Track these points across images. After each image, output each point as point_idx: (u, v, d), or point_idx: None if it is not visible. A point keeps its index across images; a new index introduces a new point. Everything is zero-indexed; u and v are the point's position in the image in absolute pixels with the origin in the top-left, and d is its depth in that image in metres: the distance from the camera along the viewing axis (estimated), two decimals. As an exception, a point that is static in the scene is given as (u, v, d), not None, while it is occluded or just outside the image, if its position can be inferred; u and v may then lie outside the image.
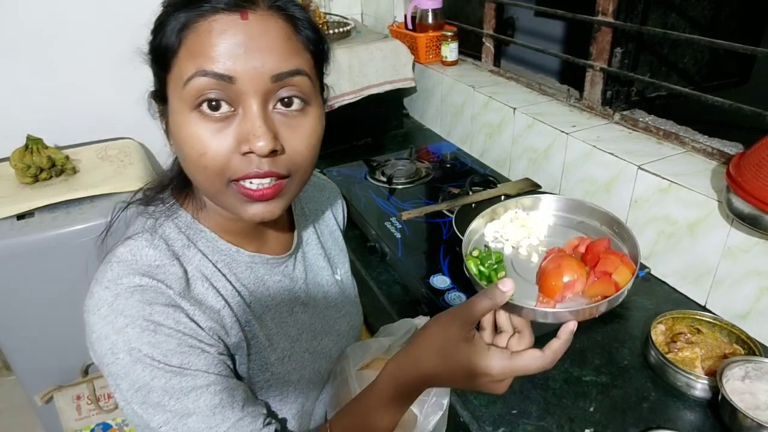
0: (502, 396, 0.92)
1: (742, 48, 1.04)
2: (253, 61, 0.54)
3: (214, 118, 0.55)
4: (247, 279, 0.70)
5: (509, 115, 1.53)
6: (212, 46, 0.54)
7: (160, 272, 0.61)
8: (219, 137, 0.55)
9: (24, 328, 1.44)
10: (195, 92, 0.55)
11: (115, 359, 0.56)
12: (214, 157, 0.56)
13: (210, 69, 0.54)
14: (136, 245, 0.62)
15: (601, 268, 0.57)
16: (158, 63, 0.58)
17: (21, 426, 1.98)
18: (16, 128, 1.55)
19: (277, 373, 0.71)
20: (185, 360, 0.58)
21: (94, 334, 0.57)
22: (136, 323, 0.56)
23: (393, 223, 1.34)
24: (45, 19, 1.66)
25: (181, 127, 0.57)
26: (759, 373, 0.86)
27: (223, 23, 0.54)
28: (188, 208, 0.68)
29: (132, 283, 0.58)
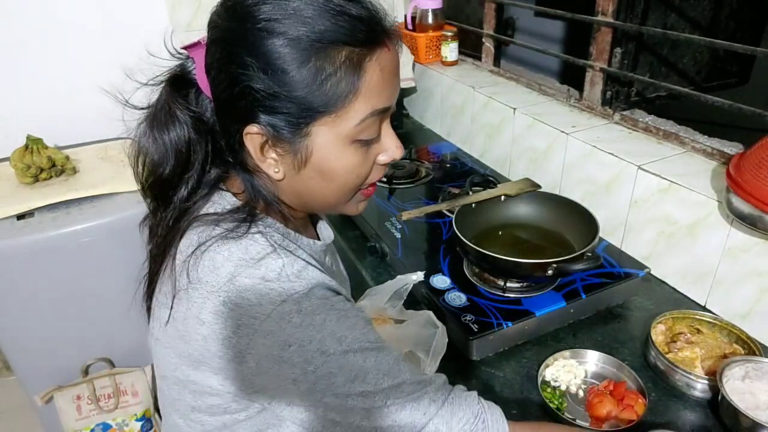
0: (502, 397, 0.92)
1: (742, 48, 1.04)
2: (398, 88, 0.62)
3: (366, 141, 0.62)
4: (325, 266, 0.75)
5: (509, 116, 1.53)
6: (382, 84, 0.59)
7: (308, 273, 0.61)
8: (368, 159, 0.63)
9: (24, 328, 1.44)
10: (363, 129, 0.59)
11: (327, 357, 0.56)
12: (364, 176, 0.64)
13: (382, 107, 0.60)
14: (271, 263, 0.60)
15: (626, 402, 0.87)
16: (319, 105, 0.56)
17: (21, 426, 1.98)
18: (16, 128, 1.55)
19: None
20: (376, 335, 0.61)
21: (295, 344, 0.56)
22: (331, 315, 0.58)
23: (393, 223, 1.34)
24: (45, 19, 1.66)
25: (338, 160, 0.61)
26: (759, 373, 0.86)
27: (383, 60, 0.58)
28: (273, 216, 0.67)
29: (301, 286, 0.58)
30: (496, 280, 1.09)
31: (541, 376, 0.94)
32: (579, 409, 0.90)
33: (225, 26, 0.58)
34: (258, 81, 0.56)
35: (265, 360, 0.57)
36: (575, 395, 0.92)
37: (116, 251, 1.41)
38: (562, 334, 1.05)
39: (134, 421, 1.60)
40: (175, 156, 0.64)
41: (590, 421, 0.86)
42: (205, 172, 0.66)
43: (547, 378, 0.95)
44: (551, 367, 0.96)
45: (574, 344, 1.02)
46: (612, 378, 0.94)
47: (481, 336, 0.97)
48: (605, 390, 0.90)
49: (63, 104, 1.75)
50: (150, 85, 0.65)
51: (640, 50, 1.38)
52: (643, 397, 0.88)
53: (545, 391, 0.91)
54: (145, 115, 0.64)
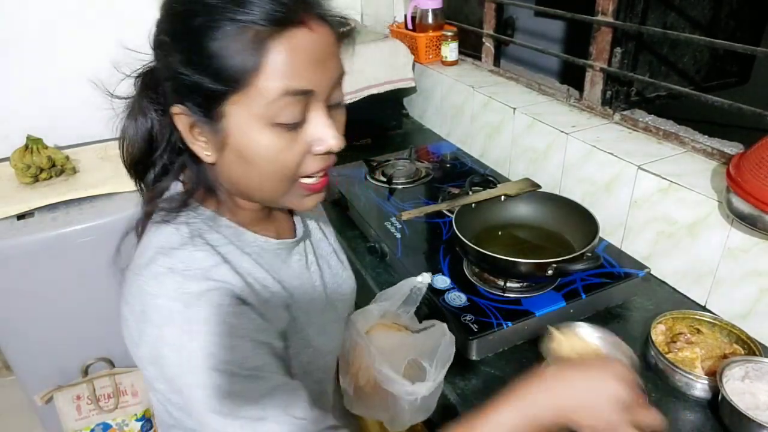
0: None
1: (742, 48, 1.04)
2: (325, 72, 0.59)
3: (289, 126, 0.59)
4: (275, 265, 0.72)
5: (509, 115, 1.53)
6: (294, 64, 0.56)
7: (217, 272, 0.62)
8: (294, 145, 0.60)
9: (24, 328, 1.44)
10: (277, 109, 0.57)
11: (192, 368, 0.57)
12: (291, 164, 0.61)
13: (296, 86, 0.57)
14: (183, 253, 0.62)
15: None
16: (222, 82, 0.56)
17: (21, 426, 1.98)
18: (16, 128, 1.55)
19: (318, 346, 0.74)
20: (258, 362, 0.59)
21: (168, 345, 0.58)
22: (211, 328, 0.57)
23: (393, 223, 1.34)
24: (45, 19, 1.66)
25: (254, 142, 0.59)
26: (759, 373, 0.86)
27: (298, 39, 0.56)
28: (210, 206, 0.69)
29: (198, 288, 0.59)
30: (496, 280, 1.09)
31: None
32: None
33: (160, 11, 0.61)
34: (173, 60, 0.57)
35: (153, 350, 0.59)
36: None
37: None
38: (562, 334, 1.05)
39: (134, 421, 1.60)
40: (141, 141, 0.68)
41: None
42: (172, 159, 0.69)
43: None
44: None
45: (574, 344, 1.02)
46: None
47: (481, 336, 0.97)
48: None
49: (63, 104, 1.75)
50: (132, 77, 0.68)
51: (640, 50, 1.38)
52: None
53: None
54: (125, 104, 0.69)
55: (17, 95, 1.70)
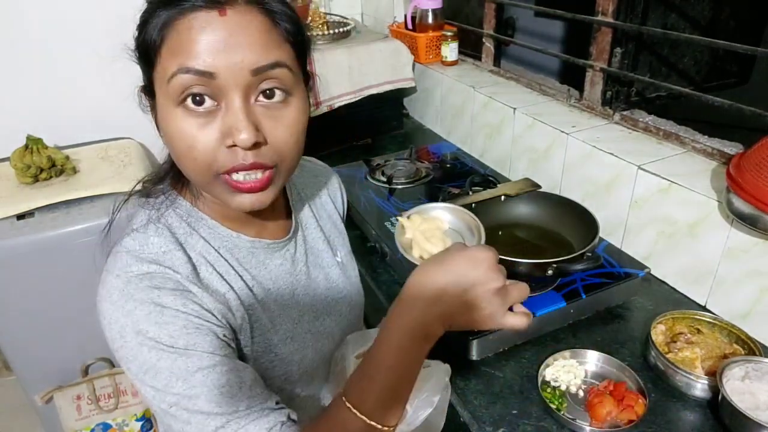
0: (502, 396, 0.92)
1: (742, 48, 1.04)
2: (233, 57, 0.56)
3: (199, 112, 0.57)
4: (248, 263, 0.72)
5: (509, 115, 1.53)
6: (192, 42, 0.55)
7: (167, 258, 0.63)
8: (205, 131, 0.58)
9: (24, 328, 1.44)
10: (178, 88, 0.56)
11: (124, 342, 0.59)
12: (202, 150, 0.58)
13: (191, 66, 0.55)
14: (141, 236, 0.65)
15: (626, 402, 0.87)
16: (143, 60, 0.60)
17: (21, 426, 1.98)
18: (16, 128, 1.55)
19: (281, 354, 0.73)
20: (191, 341, 0.59)
21: (105, 320, 0.61)
22: (144, 306, 0.59)
23: (393, 223, 1.34)
24: (45, 19, 1.66)
25: (168, 122, 0.59)
26: (759, 373, 0.86)
27: (202, 20, 0.55)
28: (186, 197, 0.70)
29: (141, 270, 0.61)
30: (496, 280, 1.09)
31: (541, 376, 0.94)
32: (579, 409, 0.90)
33: None
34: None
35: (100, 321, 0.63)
36: (575, 395, 0.92)
37: (116, 251, 1.41)
38: (562, 334, 1.05)
39: (134, 421, 1.60)
40: None
41: (590, 421, 0.86)
42: None
43: (547, 378, 0.95)
44: (551, 367, 0.96)
45: (574, 344, 1.02)
46: (612, 378, 0.94)
47: (481, 336, 0.97)
48: (605, 390, 0.90)
49: (63, 104, 1.75)
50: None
51: (640, 50, 1.38)
52: (643, 397, 0.88)
53: (545, 391, 0.91)
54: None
55: (17, 95, 1.69)
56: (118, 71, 0.69)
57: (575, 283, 1.08)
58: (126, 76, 0.69)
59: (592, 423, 0.86)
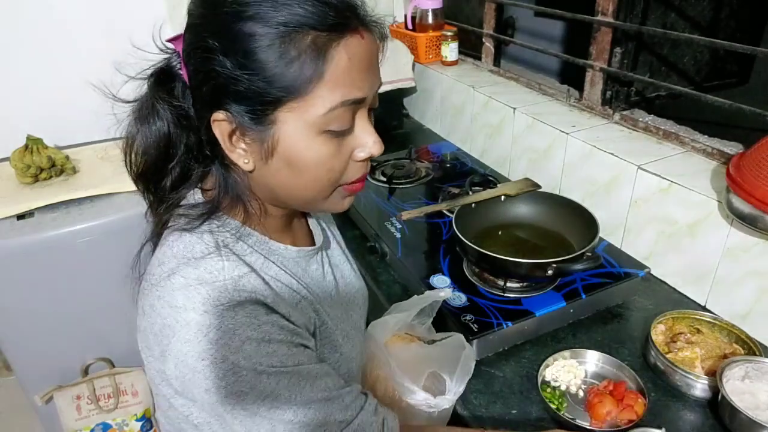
0: (502, 396, 0.92)
1: (742, 48, 1.04)
2: (374, 79, 0.60)
3: (339, 133, 0.59)
4: (297, 272, 0.72)
5: (509, 115, 1.53)
6: (350, 72, 0.56)
7: (247, 283, 0.60)
8: (341, 152, 0.60)
9: (24, 328, 1.44)
10: (333, 118, 0.57)
11: (238, 378, 0.56)
12: (338, 171, 0.61)
13: (354, 96, 0.57)
14: (211, 264, 0.60)
15: (626, 402, 0.87)
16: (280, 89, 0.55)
17: (21, 426, 1.98)
18: (16, 128, 1.55)
19: (345, 352, 0.74)
20: (298, 359, 0.60)
21: (205, 360, 0.56)
22: (252, 339, 0.57)
23: (393, 223, 1.34)
24: (45, 19, 1.66)
25: (306, 150, 0.58)
26: (759, 373, 0.86)
27: (352, 46, 0.56)
28: (237, 216, 0.67)
29: (231, 299, 0.58)
30: (496, 280, 1.09)
31: (541, 376, 0.94)
32: (579, 409, 0.90)
33: (196, 13, 0.59)
34: (222, 65, 0.55)
35: (181, 365, 0.57)
36: (575, 395, 0.92)
37: (116, 251, 1.40)
38: (562, 334, 1.05)
39: (134, 421, 1.60)
40: (155, 148, 0.64)
41: (590, 421, 0.87)
42: (191, 166, 0.66)
43: (547, 378, 0.95)
44: (551, 367, 0.96)
45: (574, 344, 1.02)
46: (612, 378, 0.94)
47: (481, 336, 0.97)
48: (605, 390, 0.90)
49: (63, 104, 1.74)
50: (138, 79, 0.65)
51: (640, 50, 1.38)
52: (643, 397, 0.88)
53: (545, 391, 0.91)
54: (132, 107, 0.65)
55: (17, 95, 1.69)
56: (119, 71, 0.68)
57: (575, 283, 1.08)
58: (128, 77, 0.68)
59: (592, 423, 0.86)
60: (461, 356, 0.91)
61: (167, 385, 0.62)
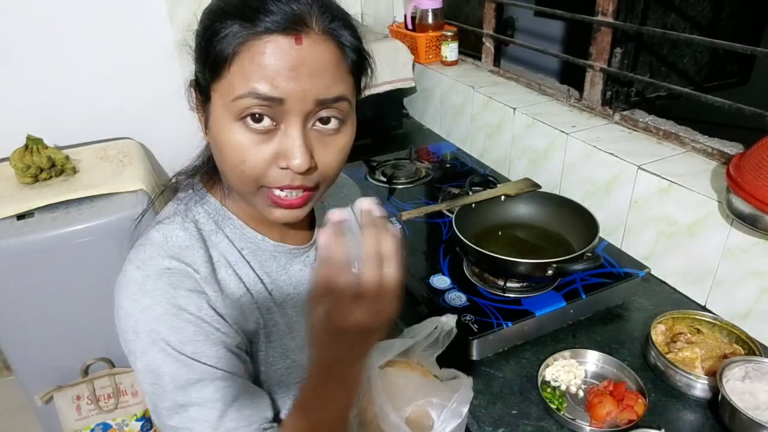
0: (501, 396, 0.92)
1: (742, 48, 1.04)
2: (303, 84, 0.56)
3: (256, 130, 0.58)
4: (270, 267, 0.72)
5: (509, 115, 1.53)
6: (266, 68, 0.55)
7: (189, 254, 0.63)
8: (259, 149, 0.58)
9: (24, 328, 1.44)
10: (242, 108, 0.57)
11: (135, 337, 0.59)
12: (252, 166, 0.59)
13: (261, 91, 0.56)
14: (167, 228, 0.65)
15: (626, 402, 0.87)
16: (208, 65, 0.59)
17: (21, 426, 1.98)
18: (16, 128, 1.55)
19: (297, 360, 0.72)
20: (198, 349, 0.60)
21: (121, 310, 0.60)
22: (160, 305, 0.59)
23: (393, 223, 1.34)
24: (45, 19, 1.66)
25: (223, 132, 0.59)
26: (759, 373, 0.86)
27: (277, 45, 0.55)
28: (216, 194, 0.70)
29: (161, 265, 0.61)
30: (496, 280, 1.09)
31: (541, 376, 0.94)
32: (579, 409, 0.90)
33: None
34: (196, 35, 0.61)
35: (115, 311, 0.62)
36: (575, 395, 0.92)
37: (116, 251, 1.40)
38: (562, 334, 1.05)
39: (134, 421, 1.60)
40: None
41: (590, 421, 0.87)
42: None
43: (547, 378, 0.95)
44: (551, 367, 0.96)
45: (574, 344, 1.02)
46: (612, 378, 0.94)
47: (481, 336, 0.97)
48: (605, 390, 0.90)
49: (63, 104, 1.74)
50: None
51: (640, 50, 1.38)
52: (643, 397, 0.88)
53: (545, 391, 0.91)
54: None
55: (17, 95, 1.69)
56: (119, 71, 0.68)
57: (575, 283, 1.08)
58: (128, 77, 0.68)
59: (592, 423, 0.86)
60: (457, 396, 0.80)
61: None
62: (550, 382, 0.94)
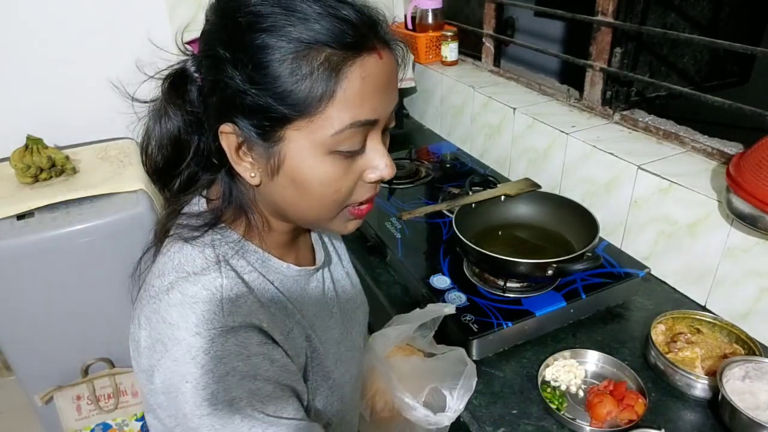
0: (502, 396, 0.92)
1: (742, 48, 1.04)
2: (390, 102, 0.57)
3: (347, 154, 0.56)
4: (295, 293, 0.69)
5: (509, 116, 1.53)
6: (364, 93, 0.53)
7: (243, 304, 0.58)
8: (350, 173, 0.58)
9: (24, 328, 1.44)
10: (342, 140, 0.54)
11: (214, 410, 0.54)
12: (345, 191, 0.58)
13: (366, 118, 0.54)
14: (209, 281, 0.57)
15: (626, 402, 0.88)
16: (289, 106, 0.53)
17: (21, 426, 1.98)
18: (16, 128, 1.55)
19: (337, 378, 0.71)
20: (279, 406, 0.56)
21: (189, 383, 0.54)
22: (237, 370, 0.54)
23: (393, 223, 1.34)
24: (44, 19, 1.66)
25: (310, 169, 0.56)
26: (759, 373, 0.86)
27: (368, 66, 0.53)
28: (238, 229, 0.64)
29: (224, 324, 0.55)
30: (496, 280, 1.09)
31: (541, 376, 0.94)
32: (579, 409, 0.90)
33: (211, 19, 0.57)
34: (231, 77, 0.53)
35: (167, 382, 0.55)
36: (575, 395, 0.92)
37: (116, 251, 1.41)
38: (562, 334, 1.05)
39: (134, 421, 1.60)
40: (166, 148, 0.63)
41: (590, 421, 0.87)
42: (198, 172, 0.64)
43: (547, 378, 0.95)
44: (551, 367, 0.96)
45: (574, 344, 1.02)
46: (612, 378, 0.94)
47: (481, 336, 0.97)
48: (605, 390, 0.90)
49: (63, 104, 1.74)
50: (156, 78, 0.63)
51: (640, 50, 1.38)
52: (643, 397, 0.88)
53: (545, 391, 0.91)
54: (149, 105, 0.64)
55: (17, 95, 1.69)
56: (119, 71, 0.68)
57: (575, 283, 1.08)
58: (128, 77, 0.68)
59: (592, 423, 0.86)
60: (463, 372, 0.89)
61: (152, 395, 0.59)
62: (550, 381, 0.94)
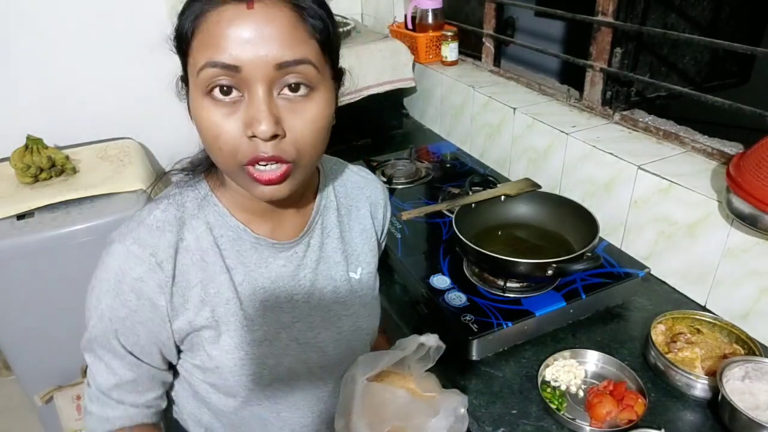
0: (501, 396, 0.92)
1: (742, 48, 1.04)
2: (258, 50, 0.57)
3: (225, 102, 0.59)
4: (249, 258, 0.72)
5: (509, 115, 1.53)
6: (220, 37, 0.57)
7: (155, 236, 0.67)
8: (229, 121, 0.59)
9: (24, 328, 1.44)
10: (206, 80, 0.58)
11: (89, 296, 0.69)
12: (226, 140, 0.60)
13: (218, 60, 0.57)
14: (152, 206, 0.70)
15: (626, 402, 0.88)
16: (178, 49, 0.62)
17: (21, 426, 1.98)
18: (16, 128, 1.55)
19: (252, 354, 0.72)
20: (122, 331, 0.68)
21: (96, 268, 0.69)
22: (110, 279, 0.67)
23: (393, 223, 1.34)
24: (45, 19, 1.66)
25: (197, 111, 0.61)
26: (759, 373, 0.86)
27: (230, 13, 0.57)
28: (210, 181, 0.73)
29: (130, 240, 0.67)
30: (496, 280, 1.09)
31: (541, 376, 0.94)
32: (579, 409, 0.90)
33: None
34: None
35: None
36: (575, 395, 0.92)
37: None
38: (562, 334, 1.05)
39: (134, 421, 1.59)
40: None
41: (590, 421, 0.87)
42: None
43: (547, 378, 0.95)
44: (551, 367, 0.96)
45: (574, 344, 1.02)
46: (612, 378, 0.94)
47: (481, 336, 0.97)
48: (605, 390, 0.90)
49: (63, 104, 1.75)
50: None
51: (640, 50, 1.38)
52: (643, 397, 0.88)
53: (545, 391, 0.91)
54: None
55: (17, 95, 1.70)
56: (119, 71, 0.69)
57: (575, 283, 1.08)
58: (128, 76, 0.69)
59: (592, 423, 0.86)
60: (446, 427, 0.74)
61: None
62: (550, 382, 0.94)
